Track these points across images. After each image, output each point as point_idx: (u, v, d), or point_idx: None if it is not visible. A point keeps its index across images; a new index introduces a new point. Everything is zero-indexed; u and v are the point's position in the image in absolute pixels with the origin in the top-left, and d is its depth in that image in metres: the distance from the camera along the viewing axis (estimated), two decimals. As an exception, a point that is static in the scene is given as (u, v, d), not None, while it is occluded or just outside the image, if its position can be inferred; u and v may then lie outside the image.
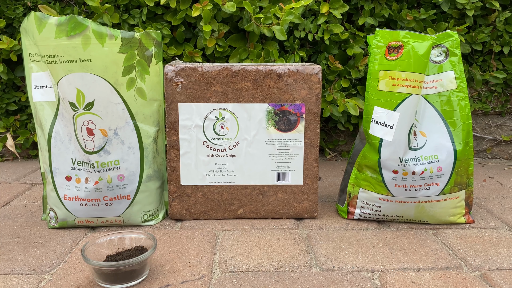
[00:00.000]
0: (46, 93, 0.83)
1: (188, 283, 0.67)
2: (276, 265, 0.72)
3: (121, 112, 0.82)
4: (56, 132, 0.83)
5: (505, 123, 1.34)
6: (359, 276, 0.68)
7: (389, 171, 0.83)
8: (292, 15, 1.09)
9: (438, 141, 0.83)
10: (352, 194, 0.89)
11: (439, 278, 0.68)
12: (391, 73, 0.81)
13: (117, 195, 0.84)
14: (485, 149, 1.36)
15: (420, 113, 0.84)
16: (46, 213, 0.88)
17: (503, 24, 1.21)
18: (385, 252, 0.76)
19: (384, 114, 0.82)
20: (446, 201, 0.84)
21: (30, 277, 0.69)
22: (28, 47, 0.82)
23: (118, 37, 0.80)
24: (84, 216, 0.85)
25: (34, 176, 1.21)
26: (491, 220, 0.89)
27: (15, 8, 1.23)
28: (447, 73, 0.83)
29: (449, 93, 0.83)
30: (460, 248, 0.78)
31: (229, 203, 0.90)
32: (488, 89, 1.32)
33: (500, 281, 0.67)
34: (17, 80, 1.30)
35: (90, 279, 0.68)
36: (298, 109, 0.85)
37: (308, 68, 0.84)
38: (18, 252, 0.78)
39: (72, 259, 0.75)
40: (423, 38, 0.81)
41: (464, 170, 0.84)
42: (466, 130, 0.83)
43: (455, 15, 1.22)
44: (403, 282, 0.67)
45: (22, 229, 0.87)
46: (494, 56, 1.27)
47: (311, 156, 0.88)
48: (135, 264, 0.65)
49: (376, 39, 0.83)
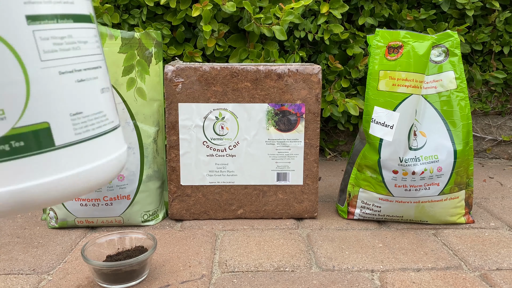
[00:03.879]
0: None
1: (188, 283, 0.67)
2: (276, 265, 0.72)
3: (121, 112, 0.82)
4: (56, 132, 0.83)
5: (505, 123, 1.35)
6: (359, 276, 0.68)
7: (389, 171, 0.83)
8: (292, 15, 1.08)
9: (438, 141, 0.83)
10: (352, 194, 0.88)
11: (439, 278, 0.68)
12: (391, 73, 0.81)
13: (117, 195, 0.84)
14: (485, 149, 1.36)
15: (420, 113, 0.84)
16: (46, 213, 0.88)
17: (503, 24, 1.21)
18: (385, 252, 0.76)
19: (384, 114, 0.82)
20: (446, 201, 0.84)
21: (30, 277, 0.69)
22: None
23: (118, 37, 0.80)
24: (84, 216, 0.85)
25: (34, 176, 1.20)
26: (491, 220, 0.89)
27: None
28: (447, 73, 0.83)
29: (449, 93, 0.83)
30: (460, 248, 0.78)
31: (229, 203, 0.90)
32: (488, 89, 1.32)
33: (500, 281, 0.67)
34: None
35: (90, 279, 0.68)
36: (298, 109, 0.85)
37: (308, 68, 0.84)
38: (18, 252, 0.77)
39: (72, 259, 0.75)
40: (423, 38, 0.81)
41: (464, 170, 0.84)
42: (466, 130, 0.83)
43: (455, 15, 1.22)
44: (403, 282, 0.67)
45: (22, 229, 0.87)
46: (494, 56, 1.27)
47: (311, 156, 0.88)
48: (135, 264, 0.65)
49: (376, 39, 0.83)
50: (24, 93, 0.37)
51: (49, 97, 0.38)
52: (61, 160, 0.40)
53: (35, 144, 0.38)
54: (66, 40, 0.40)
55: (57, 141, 0.39)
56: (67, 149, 0.40)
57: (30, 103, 0.37)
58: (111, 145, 0.44)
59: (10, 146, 0.37)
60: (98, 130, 0.42)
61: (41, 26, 0.38)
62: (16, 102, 0.37)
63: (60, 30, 0.39)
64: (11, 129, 0.37)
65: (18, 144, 0.37)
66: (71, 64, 0.40)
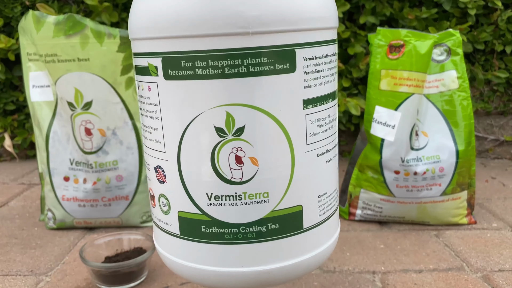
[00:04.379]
0: (44, 93, 0.82)
1: (187, 284, 0.66)
2: (277, 267, 0.71)
3: (119, 111, 0.81)
4: (54, 132, 0.82)
5: (507, 123, 1.34)
6: (361, 278, 0.68)
7: (390, 171, 0.82)
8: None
9: (440, 141, 0.82)
10: (353, 195, 0.88)
11: (441, 280, 0.67)
12: (392, 72, 0.80)
13: (115, 195, 0.83)
14: (487, 149, 1.35)
15: (422, 112, 0.83)
16: (44, 214, 0.88)
17: (505, 23, 1.21)
18: (387, 254, 0.75)
19: (386, 114, 0.81)
20: (448, 202, 0.83)
21: (28, 278, 0.69)
22: (26, 46, 0.81)
23: (116, 36, 0.79)
24: (83, 217, 0.84)
25: (32, 176, 1.20)
26: (493, 221, 0.89)
27: (13, 7, 1.23)
28: (449, 72, 0.82)
29: (451, 93, 0.82)
30: (462, 249, 0.77)
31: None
32: (490, 89, 1.31)
33: (502, 282, 0.66)
34: (15, 79, 1.29)
35: (88, 281, 0.68)
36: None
37: (308, 68, 0.84)
38: (16, 253, 0.77)
39: (70, 260, 0.74)
40: (424, 37, 0.80)
41: (466, 171, 0.83)
42: (468, 130, 0.82)
43: (457, 14, 1.21)
44: (404, 284, 0.66)
45: (20, 230, 0.86)
46: (496, 55, 1.26)
47: (311, 156, 0.87)
48: (133, 266, 0.64)
49: (378, 38, 0.82)
50: (288, 176, 0.38)
51: (307, 180, 0.39)
52: (305, 243, 0.41)
53: (288, 227, 0.39)
54: (326, 121, 0.40)
55: (306, 223, 0.40)
56: (311, 231, 0.41)
57: (291, 186, 0.38)
58: (337, 222, 0.45)
59: (267, 228, 0.38)
60: (332, 209, 0.43)
61: (312, 110, 0.38)
62: (280, 185, 0.38)
63: (324, 112, 0.40)
64: (271, 211, 0.38)
65: (274, 227, 0.39)
66: (326, 145, 0.41)
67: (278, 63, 0.36)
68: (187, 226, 0.40)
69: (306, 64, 0.37)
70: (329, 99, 0.40)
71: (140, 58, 0.39)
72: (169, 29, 0.35)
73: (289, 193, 0.38)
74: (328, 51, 0.40)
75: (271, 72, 0.36)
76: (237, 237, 0.38)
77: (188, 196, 0.39)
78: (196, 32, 0.35)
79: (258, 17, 0.34)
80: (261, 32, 0.35)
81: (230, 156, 0.37)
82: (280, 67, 0.36)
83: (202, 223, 0.39)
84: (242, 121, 0.36)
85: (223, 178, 0.37)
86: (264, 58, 0.35)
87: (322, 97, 0.39)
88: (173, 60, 0.36)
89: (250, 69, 0.35)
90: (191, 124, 0.37)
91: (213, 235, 0.39)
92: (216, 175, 0.37)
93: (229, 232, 0.38)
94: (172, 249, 0.42)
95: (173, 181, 0.39)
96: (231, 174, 0.37)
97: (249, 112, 0.36)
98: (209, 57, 0.35)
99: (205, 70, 0.35)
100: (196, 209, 0.39)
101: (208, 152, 0.37)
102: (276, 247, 0.39)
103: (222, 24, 0.34)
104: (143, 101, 0.40)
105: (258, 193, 0.38)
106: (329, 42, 0.40)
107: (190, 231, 0.39)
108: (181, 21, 0.35)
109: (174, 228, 0.41)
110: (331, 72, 0.41)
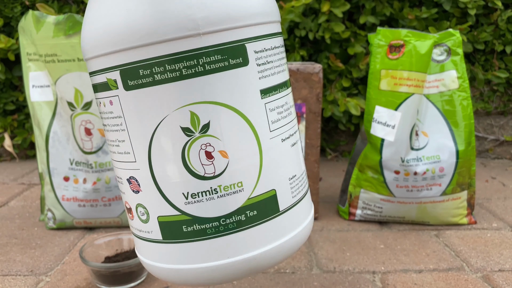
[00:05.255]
0: (44, 93, 0.82)
1: (187, 285, 0.66)
2: (276, 267, 0.71)
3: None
4: (54, 132, 0.82)
5: (507, 123, 1.34)
6: (361, 278, 0.68)
7: (390, 171, 0.82)
8: (292, 13, 1.08)
9: (440, 141, 0.82)
10: (353, 195, 0.88)
11: (441, 280, 0.67)
12: (392, 72, 0.80)
13: (115, 195, 0.83)
14: (487, 149, 1.35)
15: (422, 112, 0.83)
16: (44, 214, 0.88)
17: (505, 23, 1.21)
18: (387, 254, 0.75)
19: (386, 114, 0.81)
20: (448, 202, 0.83)
21: (28, 278, 0.69)
22: (26, 46, 0.81)
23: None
24: (82, 217, 0.84)
25: (32, 176, 1.20)
26: (493, 221, 0.89)
27: (13, 7, 1.23)
28: (449, 72, 0.82)
29: (451, 93, 0.82)
30: (462, 249, 0.77)
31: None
32: (490, 89, 1.31)
33: (502, 282, 0.66)
34: (14, 79, 1.29)
35: (88, 281, 0.68)
36: (299, 108, 0.85)
37: (308, 67, 0.84)
38: (16, 253, 0.77)
39: (70, 260, 0.74)
40: (424, 37, 0.80)
41: (466, 171, 0.83)
42: (468, 130, 0.82)
43: (457, 14, 1.21)
44: (404, 284, 0.66)
45: (20, 230, 0.86)
46: (496, 55, 1.26)
47: (312, 156, 0.87)
48: (133, 266, 0.64)
49: (378, 38, 0.82)
50: (258, 164, 0.40)
51: (276, 165, 0.41)
52: (284, 224, 0.42)
53: (266, 211, 0.41)
54: (285, 107, 0.42)
55: (281, 206, 0.42)
56: (287, 213, 0.42)
57: (262, 173, 0.40)
58: (309, 203, 0.47)
59: (245, 216, 0.40)
60: (304, 190, 0.45)
61: (270, 98, 0.40)
62: (252, 173, 0.39)
63: (281, 99, 0.42)
64: (247, 199, 0.40)
65: (252, 213, 0.40)
66: (288, 130, 0.42)
67: (232, 58, 0.37)
68: (169, 229, 0.40)
69: (257, 56, 0.39)
70: (284, 87, 0.42)
71: (97, 75, 0.40)
72: (123, 42, 0.36)
73: (262, 180, 0.40)
74: (276, 43, 0.42)
75: (226, 67, 0.37)
76: (219, 229, 0.39)
77: (165, 199, 0.39)
78: (150, 40, 0.36)
79: (206, 18, 0.36)
80: (211, 32, 0.36)
81: (200, 153, 0.38)
82: (233, 62, 0.37)
83: (183, 223, 0.39)
84: (207, 118, 0.37)
85: (196, 175, 0.38)
86: (218, 55, 0.37)
87: (277, 86, 0.41)
88: (131, 71, 0.37)
89: (206, 68, 0.37)
90: (157, 128, 0.38)
91: (195, 233, 0.39)
92: (190, 174, 0.38)
93: (211, 227, 0.39)
94: (156, 256, 0.42)
95: (148, 188, 0.40)
96: (204, 170, 0.38)
97: (212, 108, 0.37)
98: (165, 62, 0.36)
99: (163, 75, 0.36)
100: (175, 210, 0.39)
101: (179, 153, 0.38)
102: (257, 233, 0.40)
103: (173, 29, 0.35)
104: (106, 117, 0.41)
105: (232, 183, 0.39)
106: (275, 35, 0.42)
107: (172, 233, 0.40)
108: (134, 32, 0.36)
109: (156, 234, 0.41)
110: (282, 62, 0.43)
